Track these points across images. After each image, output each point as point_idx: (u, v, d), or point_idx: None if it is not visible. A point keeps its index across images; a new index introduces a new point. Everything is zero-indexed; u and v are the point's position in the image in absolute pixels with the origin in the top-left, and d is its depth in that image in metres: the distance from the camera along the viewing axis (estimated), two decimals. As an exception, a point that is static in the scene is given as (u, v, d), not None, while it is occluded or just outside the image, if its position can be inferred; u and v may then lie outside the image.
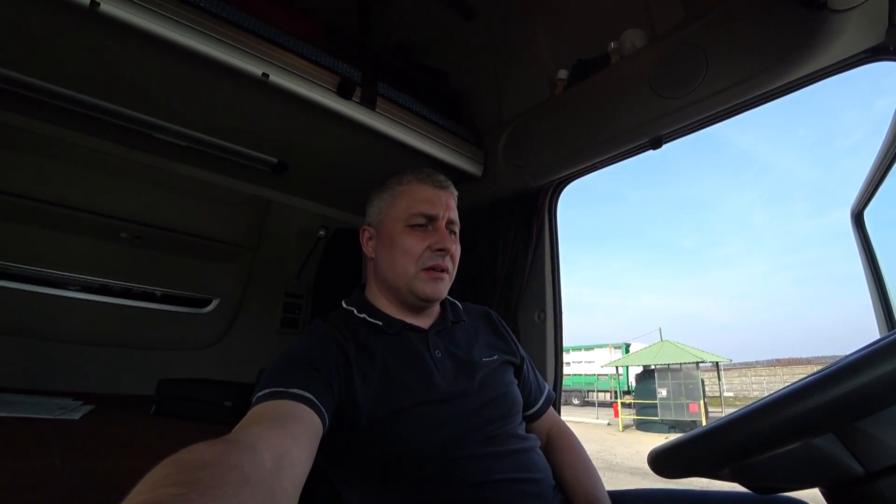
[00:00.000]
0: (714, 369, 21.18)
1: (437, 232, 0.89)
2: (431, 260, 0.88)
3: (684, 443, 0.64)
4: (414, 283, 0.87)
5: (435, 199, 0.91)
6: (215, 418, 1.29)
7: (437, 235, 0.89)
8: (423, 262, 0.87)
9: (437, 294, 0.89)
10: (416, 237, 0.88)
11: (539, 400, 1.02)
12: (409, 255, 0.87)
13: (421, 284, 0.87)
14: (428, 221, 0.90)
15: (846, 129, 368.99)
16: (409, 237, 0.88)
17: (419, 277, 0.87)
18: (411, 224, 0.89)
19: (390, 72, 1.46)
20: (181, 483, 0.35)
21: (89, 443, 0.96)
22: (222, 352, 1.95)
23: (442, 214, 0.90)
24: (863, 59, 0.97)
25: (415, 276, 0.87)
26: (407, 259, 0.87)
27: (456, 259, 0.93)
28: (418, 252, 0.87)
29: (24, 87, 1.17)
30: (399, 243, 0.88)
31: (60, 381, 1.58)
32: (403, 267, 0.88)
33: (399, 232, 0.89)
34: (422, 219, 0.89)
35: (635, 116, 1.22)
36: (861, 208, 1.38)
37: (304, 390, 0.65)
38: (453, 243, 0.91)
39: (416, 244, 0.88)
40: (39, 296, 1.58)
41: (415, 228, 0.89)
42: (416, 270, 0.87)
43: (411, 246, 0.87)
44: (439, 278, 0.89)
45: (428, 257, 0.88)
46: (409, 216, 0.89)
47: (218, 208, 1.80)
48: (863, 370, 0.47)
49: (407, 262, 0.87)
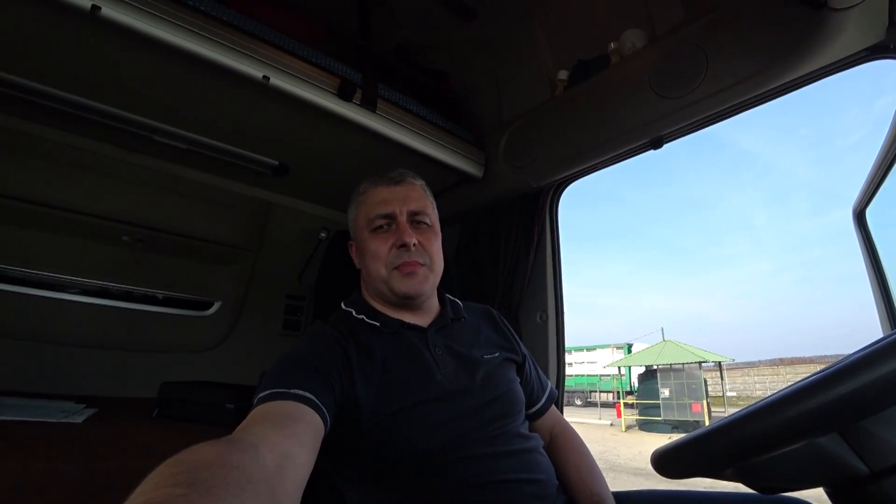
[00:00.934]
0: (717, 369, 21.14)
1: (398, 229, 0.90)
2: (398, 258, 0.89)
3: (687, 443, 0.64)
4: (390, 282, 0.89)
5: (390, 196, 0.93)
6: (217, 420, 1.29)
7: (398, 232, 0.90)
8: (392, 262, 0.89)
9: (415, 289, 0.89)
10: (379, 239, 0.90)
11: (541, 398, 1.02)
12: (377, 258, 0.89)
13: (396, 283, 0.88)
14: (388, 221, 0.91)
15: (847, 127, 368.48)
16: (373, 241, 0.90)
17: (393, 276, 0.89)
18: (373, 228, 0.91)
19: (391, 73, 1.46)
20: (183, 483, 0.35)
21: (92, 446, 0.96)
22: (224, 354, 1.95)
23: (399, 210, 0.91)
24: (863, 58, 0.97)
25: (388, 276, 0.89)
26: (377, 262, 0.89)
27: (430, 249, 0.93)
28: (384, 253, 0.89)
29: (26, 91, 1.17)
30: (368, 249, 0.90)
31: (63, 385, 1.58)
32: (377, 270, 0.90)
33: (366, 239, 0.91)
34: (381, 220, 0.91)
35: (636, 117, 1.22)
36: (863, 207, 1.37)
37: (305, 391, 0.65)
38: (416, 235, 0.90)
39: (380, 246, 0.89)
40: (42, 299, 1.58)
41: (377, 231, 0.91)
42: (388, 271, 0.89)
43: (376, 249, 0.89)
44: (412, 273, 0.89)
45: (395, 255, 0.89)
46: (368, 222, 0.91)
47: (219, 211, 1.81)
48: (866, 369, 0.47)
49: (377, 265, 0.89)
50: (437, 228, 0.97)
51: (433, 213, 0.98)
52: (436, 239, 0.95)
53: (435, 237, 0.95)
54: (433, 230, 0.96)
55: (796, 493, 0.76)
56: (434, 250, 0.94)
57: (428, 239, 0.93)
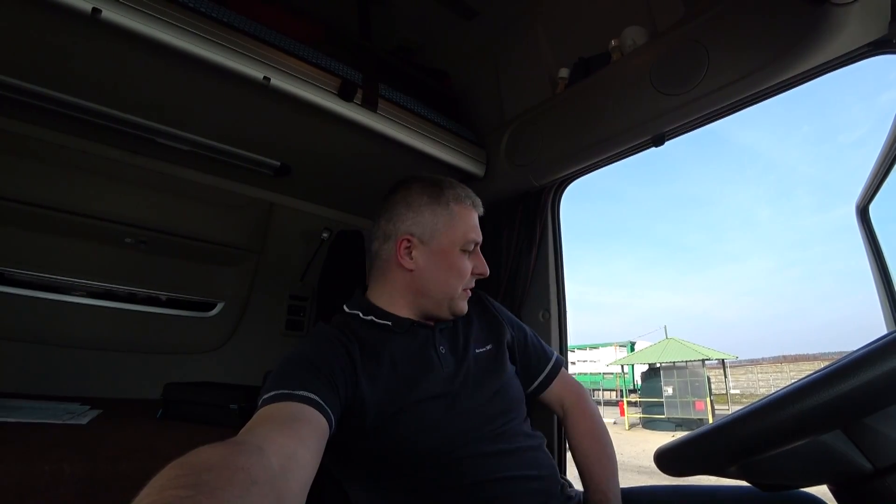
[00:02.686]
0: (720, 366, 21.07)
1: (476, 258, 0.97)
2: (471, 282, 0.96)
3: (691, 441, 0.64)
4: (456, 300, 0.93)
5: (477, 224, 0.99)
6: (222, 421, 1.29)
7: (479, 262, 0.97)
8: (466, 284, 0.95)
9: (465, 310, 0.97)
10: (466, 261, 0.95)
11: (545, 367, 1.02)
12: (461, 276, 0.93)
13: (461, 303, 0.94)
14: (474, 246, 0.97)
15: (850, 123, 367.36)
16: (462, 261, 0.94)
17: (460, 296, 0.94)
18: (464, 248, 0.95)
19: (391, 73, 1.46)
20: (188, 485, 0.35)
21: (97, 447, 0.96)
22: (228, 355, 1.96)
23: (478, 241, 0.98)
24: (866, 53, 0.97)
25: (458, 295, 0.93)
26: (457, 280, 0.93)
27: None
28: (467, 275, 0.95)
29: (27, 94, 1.18)
30: (455, 265, 0.93)
31: (68, 386, 1.58)
32: (453, 286, 0.93)
33: (455, 255, 0.94)
34: (472, 245, 0.96)
35: (637, 114, 1.22)
36: (866, 203, 1.37)
37: (309, 392, 0.66)
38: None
39: (466, 268, 0.94)
40: (46, 301, 1.59)
41: (464, 252, 0.95)
42: (460, 290, 0.93)
43: (463, 269, 0.94)
44: (469, 296, 0.97)
45: (469, 280, 0.95)
46: (465, 242, 0.94)
47: (221, 212, 1.81)
48: (870, 365, 0.47)
49: (457, 282, 0.93)
50: None
51: None
52: None
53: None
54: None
55: (800, 489, 0.76)
56: None
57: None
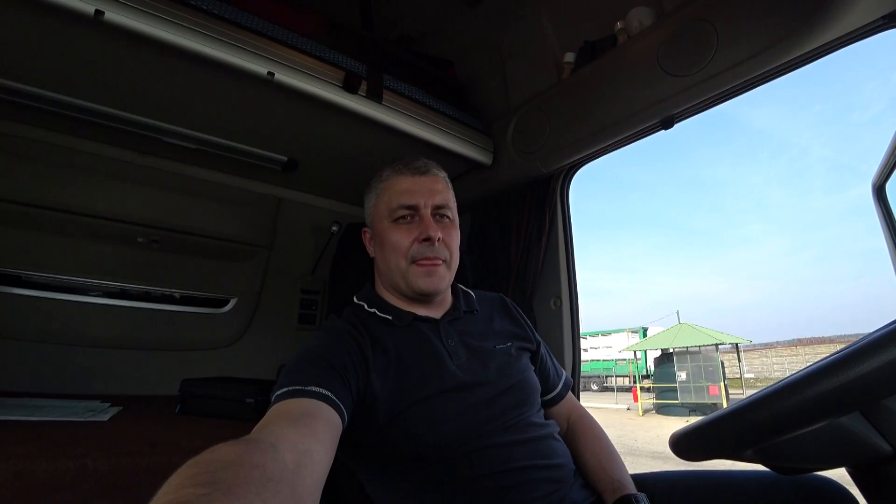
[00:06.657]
0: (734, 351, 20.93)
1: (421, 221, 0.88)
2: (420, 253, 0.87)
3: (706, 425, 0.64)
4: (409, 277, 0.87)
5: (414, 187, 0.90)
6: (238, 415, 1.31)
7: (422, 225, 0.87)
8: (413, 255, 0.87)
9: (434, 286, 0.88)
10: (402, 231, 0.88)
11: (557, 385, 1.02)
12: (397, 250, 0.87)
13: (415, 278, 0.87)
14: (412, 212, 0.89)
15: (864, 101, 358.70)
16: (395, 232, 0.88)
17: (412, 271, 0.87)
18: (395, 218, 0.89)
19: (395, 64, 1.45)
20: (205, 483, 0.36)
21: (119, 443, 0.98)
22: (242, 349, 1.98)
23: (424, 202, 0.89)
24: (879, 27, 0.94)
25: (407, 270, 0.87)
26: (397, 254, 0.87)
27: (451, 244, 0.91)
28: (406, 246, 0.87)
29: (33, 98, 1.19)
30: (388, 240, 0.88)
31: (89, 385, 1.62)
32: (396, 263, 0.88)
33: (386, 229, 0.89)
34: (404, 211, 0.88)
35: (645, 97, 1.20)
36: (882, 182, 1.34)
37: (322, 388, 0.66)
38: (439, 229, 0.88)
39: (402, 238, 0.87)
40: (65, 303, 1.62)
41: (400, 222, 0.89)
42: (408, 264, 0.87)
43: (398, 241, 0.87)
44: (432, 269, 0.88)
45: (416, 250, 0.87)
46: (390, 211, 0.89)
47: (231, 209, 1.82)
48: (889, 347, 0.46)
49: (397, 257, 0.87)
50: (457, 223, 0.96)
51: (454, 207, 0.96)
52: (456, 234, 0.94)
53: (455, 232, 0.94)
54: (454, 225, 0.94)
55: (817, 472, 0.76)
56: (454, 246, 0.93)
57: (449, 234, 0.91)
